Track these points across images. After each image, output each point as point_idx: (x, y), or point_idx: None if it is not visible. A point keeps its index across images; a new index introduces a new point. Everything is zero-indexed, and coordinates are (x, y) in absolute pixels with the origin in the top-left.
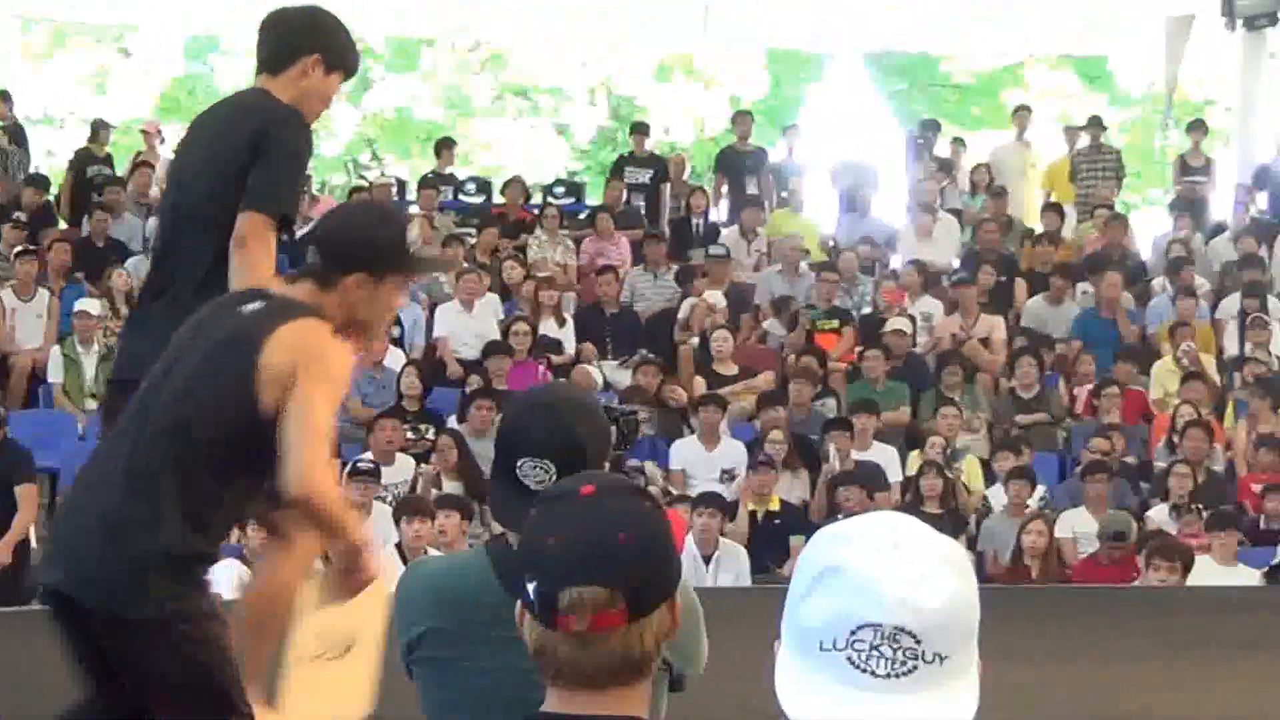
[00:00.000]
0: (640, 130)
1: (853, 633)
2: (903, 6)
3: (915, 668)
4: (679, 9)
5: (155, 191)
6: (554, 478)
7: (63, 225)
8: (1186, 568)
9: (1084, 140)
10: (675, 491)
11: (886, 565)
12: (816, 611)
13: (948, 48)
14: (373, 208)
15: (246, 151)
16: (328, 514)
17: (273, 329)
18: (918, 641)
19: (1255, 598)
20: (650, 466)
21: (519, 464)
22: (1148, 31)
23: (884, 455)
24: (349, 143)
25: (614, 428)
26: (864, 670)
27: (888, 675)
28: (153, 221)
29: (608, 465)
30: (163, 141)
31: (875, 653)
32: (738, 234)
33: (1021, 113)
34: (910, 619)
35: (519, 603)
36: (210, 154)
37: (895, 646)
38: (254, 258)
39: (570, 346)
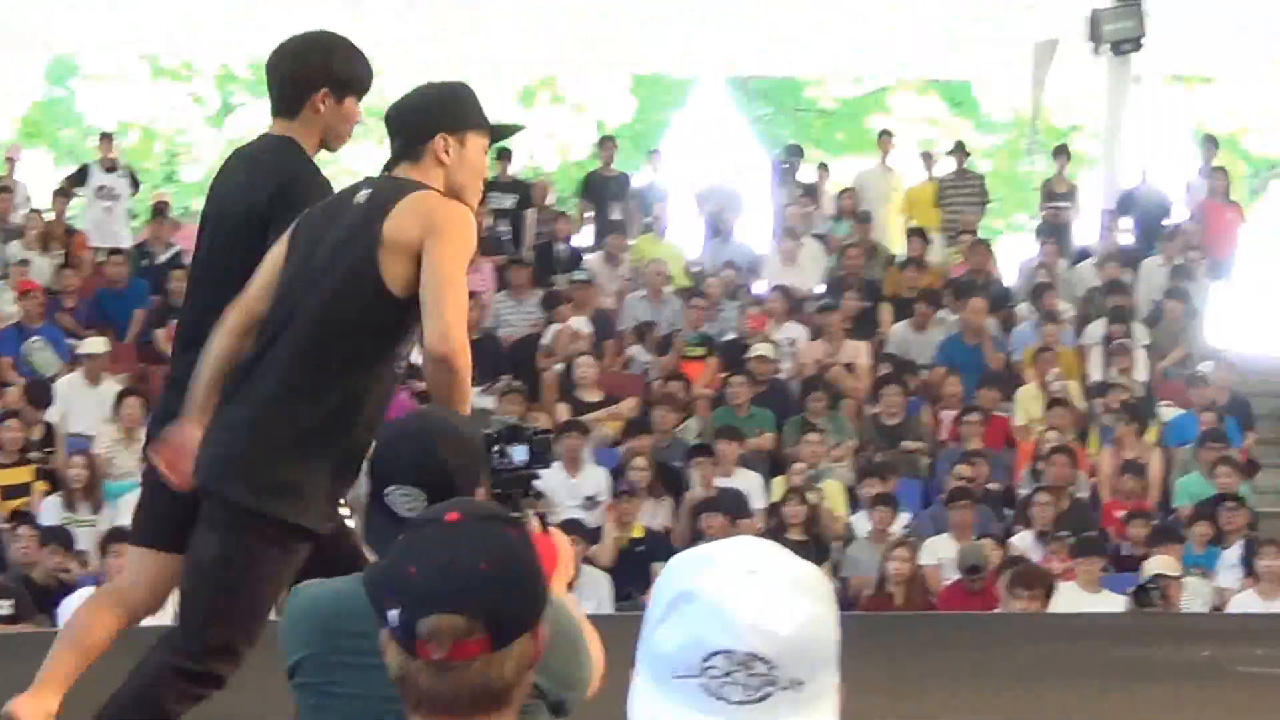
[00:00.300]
0: (504, 156)
1: (706, 659)
2: (767, 31)
3: (770, 694)
4: (543, 33)
5: (17, 217)
6: (424, 505)
7: None
8: (1047, 595)
9: (949, 166)
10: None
11: (740, 591)
12: (670, 638)
13: (812, 72)
14: (433, 81)
15: (265, 207)
16: (460, 376)
17: (391, 204)
18: (772, 668)
19: (1119, 624)
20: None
21: (388, 491)
22: (1013, 57)
23: (747, 482)
24: (211, 167)
25: (527, 447)
26: (719, 698)
27: (742, 702)
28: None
29: (481, 491)
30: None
31: (729, 679)
32: (602, 259)
33: (885, 138)
34: (763, 645)
35: (384, 630)
36: (231, 211)
37: (749, 673)
38: None
39: None
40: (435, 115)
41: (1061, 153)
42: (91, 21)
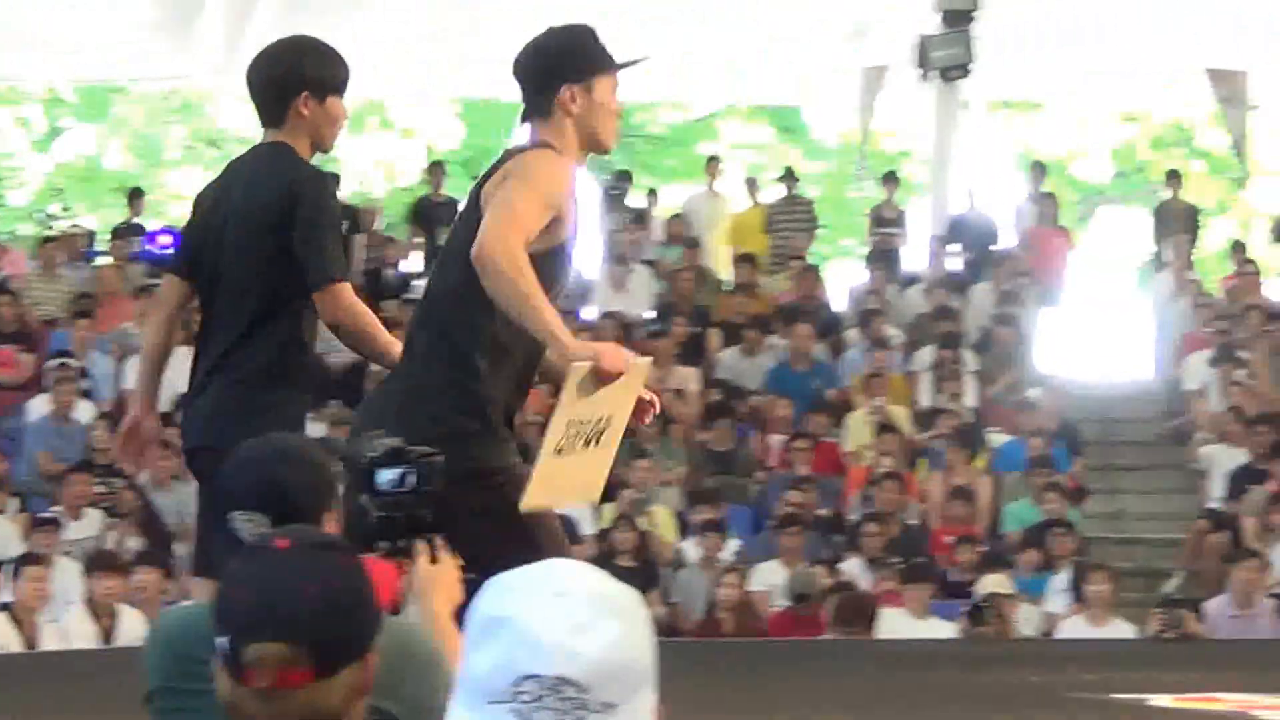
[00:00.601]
0: (333, 180)
1: (517, 684)
2: None
3: (582, 717)
4: (371, 57)
5: None
6: (268, 530)
7: None
8: (870, 624)
9: (777, 192)
10: None
11: (548, 614)
12: (483, 663)
13: (641, 98)
14: (552, 27)
15: (276, 209)
16: (503, 277)
17: (497, 169)
18: (582, 691)
19: (949, 650)
20: None
21: (232, 516)
22: (842, 83)
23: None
24: (38, 192)
25: (414, 471)
26: None
27: None
28: None
29: (330, 517)
30: None
31: (540, 704)
32: None
33: (713, 164)
34: (571, 668)
35: (214, 657)
36: (242, 218)
37: (560, 697)
38: (357, 326)
39: None
40: (557, 68)
41: (890, 179)
42: None
